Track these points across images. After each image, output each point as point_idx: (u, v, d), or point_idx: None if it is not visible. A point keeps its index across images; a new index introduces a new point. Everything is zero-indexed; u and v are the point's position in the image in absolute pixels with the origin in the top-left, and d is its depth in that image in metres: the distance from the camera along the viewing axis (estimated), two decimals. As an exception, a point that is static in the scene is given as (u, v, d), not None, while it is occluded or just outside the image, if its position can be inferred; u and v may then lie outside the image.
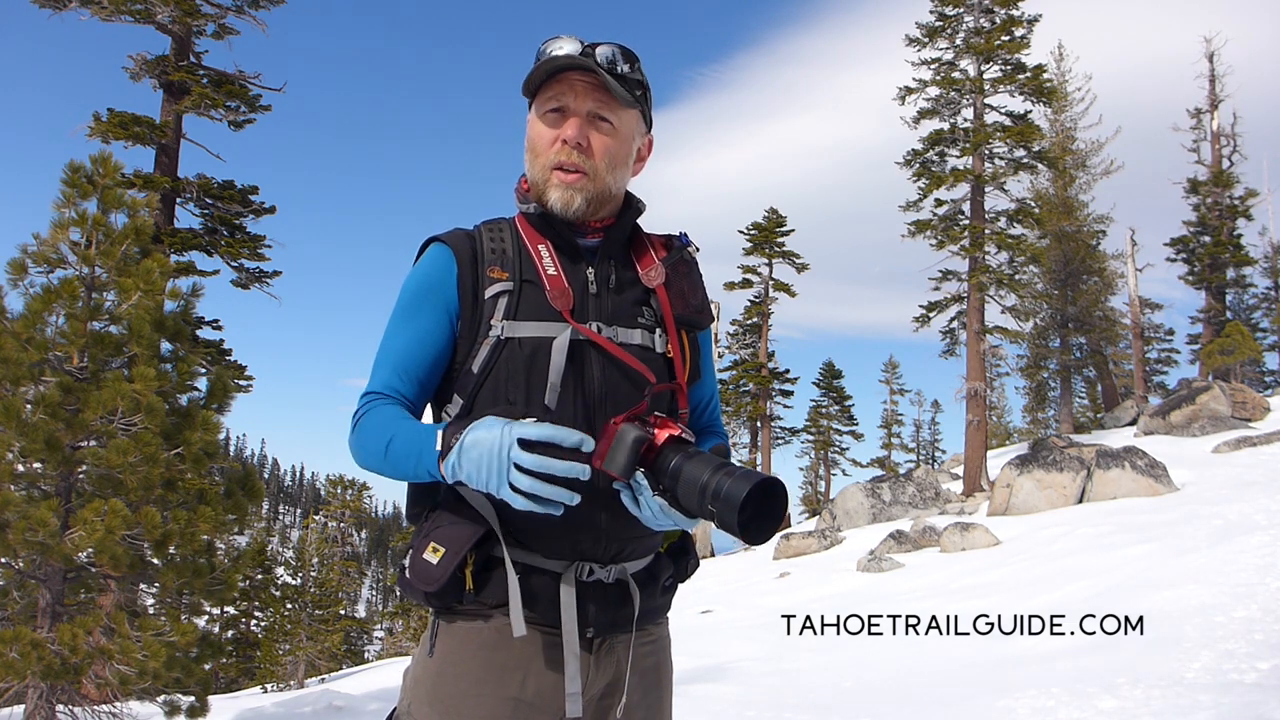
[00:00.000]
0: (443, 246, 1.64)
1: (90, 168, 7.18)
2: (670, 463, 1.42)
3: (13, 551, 6.25)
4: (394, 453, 1.50)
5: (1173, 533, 9.74)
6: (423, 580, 1.49)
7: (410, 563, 1.53)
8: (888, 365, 48.86)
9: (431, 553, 1.50)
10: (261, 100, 17.00)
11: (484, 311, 1.58)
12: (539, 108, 1.64)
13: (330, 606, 19.51)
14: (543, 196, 1.62)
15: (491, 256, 1.61)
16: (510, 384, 1.55)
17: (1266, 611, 6.22)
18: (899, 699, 5.97)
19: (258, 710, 10.27)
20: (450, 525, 1.52)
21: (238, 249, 16.86)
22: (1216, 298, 29.27)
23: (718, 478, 1.36)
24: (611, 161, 1.63)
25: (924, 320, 22.64)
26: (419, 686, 1.58)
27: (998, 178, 21.40)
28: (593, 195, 1.61)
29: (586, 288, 1.62)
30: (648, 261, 1.69)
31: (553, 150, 1.61)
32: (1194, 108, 30.30)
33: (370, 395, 1.59)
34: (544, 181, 1.62)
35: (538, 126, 1.64)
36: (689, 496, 1.39)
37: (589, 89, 1.60)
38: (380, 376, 1.59)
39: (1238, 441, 16.18)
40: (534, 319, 1.56)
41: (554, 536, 1.52)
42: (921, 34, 22.26)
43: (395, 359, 1.59)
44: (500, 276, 1.59)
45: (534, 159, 1.64)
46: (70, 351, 6.70)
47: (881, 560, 13.03)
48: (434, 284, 1.60)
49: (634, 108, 1.65)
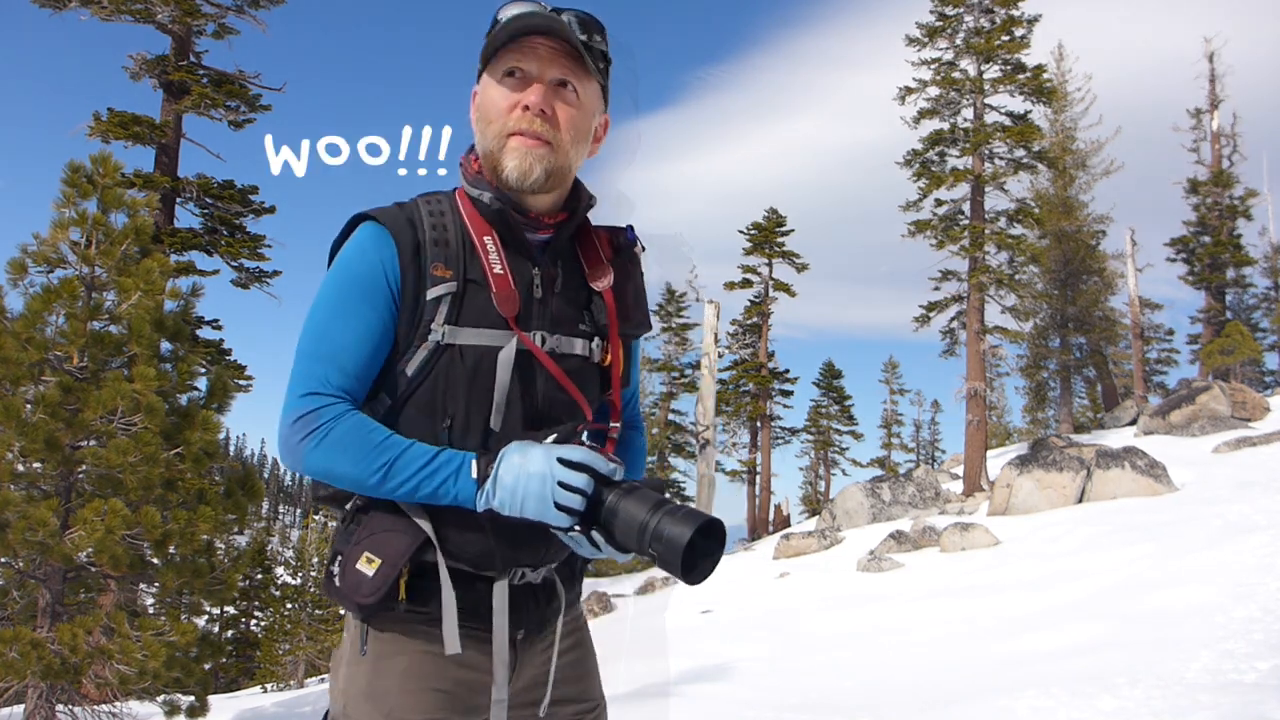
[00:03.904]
0: (381, 231, 1.48)
1: (90, 167, 7.18)
2: (607, 499, 1.40)
3: (13, 551, 6.25)
4: (397, 476, 1.41)
5: (1173, 533, 9.74)
6: (356, 592, 1.43)
7: (341, 571, 1.45)
8: (888, 365, 48.87)
9: (366, 563, 1.43)
10: (261, 100, 17.01)
11: (424, 313, 1.46)
12: (494, 71, 1.50)
13: (330, 606, 19.50)
14: (497, 166, 1.49)
15: (435, 250, 1.48)
16: (449, 395, 1.46)
17: (1266, 611, 6.22)
18: (899, 699, 5.97)
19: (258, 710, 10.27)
20: (384, 533, 1.44)
21: (238, 249, 16.86)
22: (1216, 298, 29.27)
23: (657, 518, 1.34)
24: (576, 134, 1.51)
25: (924, 320, 22.62)
26: (353, 685, 1.51)
27: (998, 178, 21.39)
28: (553, 168, 1.49)
29: (532, 290, 1.52)
30: (595, 261, 1.60)
31: (511, 116, 1.48)
32: (1194, 108, 30.31)
33: (322, 399, 1.43)
34: (499, 150, 1.49)
35: (492, 91, 1.50)
36: (627, 535, 1.37)
37: (555, 54, 1.48)
38: (325, 374, 1.44)
39: (1237, 441, 16.18)
40: (477, 325, 1.47)
41: (490, 546, 1.48)
42: (921, 34, 22.25)
43: (340, 355, 1.45)
44: (444, 275, 1.47)
45: (486, 126, 1.50)
46: (70, 351, 6.70)
47: (881, 560, 13.03)
48: (374, 274, 1.46)
49: (598, 80, 1.54)
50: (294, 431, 1.43)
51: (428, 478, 1.40)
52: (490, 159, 1.50)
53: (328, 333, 1.46)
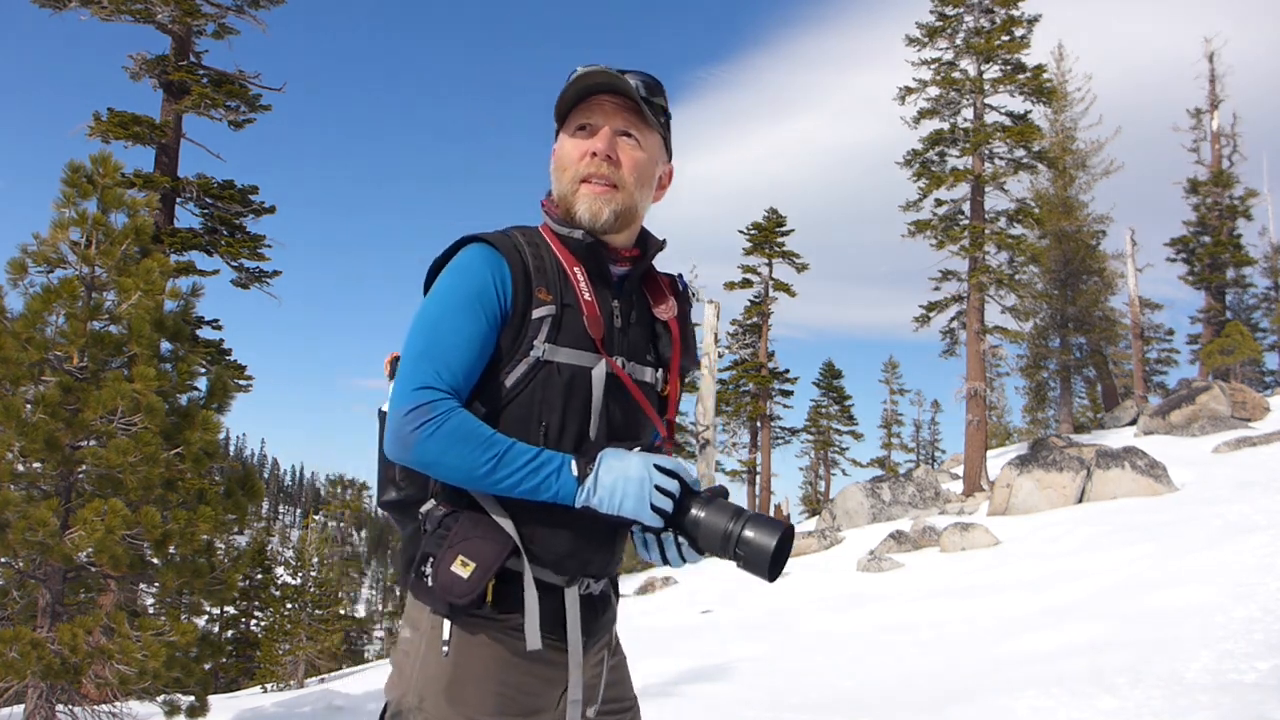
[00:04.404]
0: (496, 254, 1.64)
1: (90, 167, 7.18)
2: (690, 506, 1.58)
3: (13, 551, 6.24)
4: (505, 468, 1.53)
5: (1173, 533, 9.74)
6: (450, 593, 1.53)
7: (435, 572, 1.55)
8: (888, 365, 48.87)
9: (461, 566, 1.54)
10: (261, 100, 17.00)
11: (528, 330, 1.61)
12: (567, 128, 1.70)
13: (330, 606, 19.52)
14: (571, 210, 1.67)
15: (537, 275, 1.64)
16: (545, 406, 1.61)
17: (1266, 611, 6.22)
18: (899, 699, 5.97)
19: (257, 710, 10.27)
20: (478, 540, 1.56)
21: (238, 249, 16.85)
22: (1216, 298, 29.27)
23: (740, 526, 1.56)
24: (639, 177, 1.69)
25: (924, 320, 22.62)
26: (431, 681, 1.60)
27: (998, 178, 21.39)
28: (620, 209, 1.67)
29: (612, 318, 1.70)
30: (660, 298, 1.79)
31: (581, 163, 1.66)
32: (1194, 108, 30.34)
33: (436, 393, 1.55)
34: (572, 194, 1.67)
35: (566, 144, 1.70)
36: (710, 540, 1.57)
37: (618, 109, 1.67)
38: (438, 372, 1.56)
39: (1237, 441, 16.18)
40: (572, 346, 1.63)
41: (567, 555, 1.63)
42: (921, 34, 22.25)
43: (451, 357, 1.57)
44: (546, 299, 1.63)
45: (561, 174, 1.69)
46: (70, 351, 6.70)
47: (881, 560, 13.03)
48: (488, 291, 1.61)
49: (659, 132, 1.73)
50: (407, 421, 1.53)
51: (532, 473, 1.54)
52: (564, 203, 1.69)
53: (440, 336, 1.59)
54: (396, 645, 1.71)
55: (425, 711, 1.59)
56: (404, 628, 1.69)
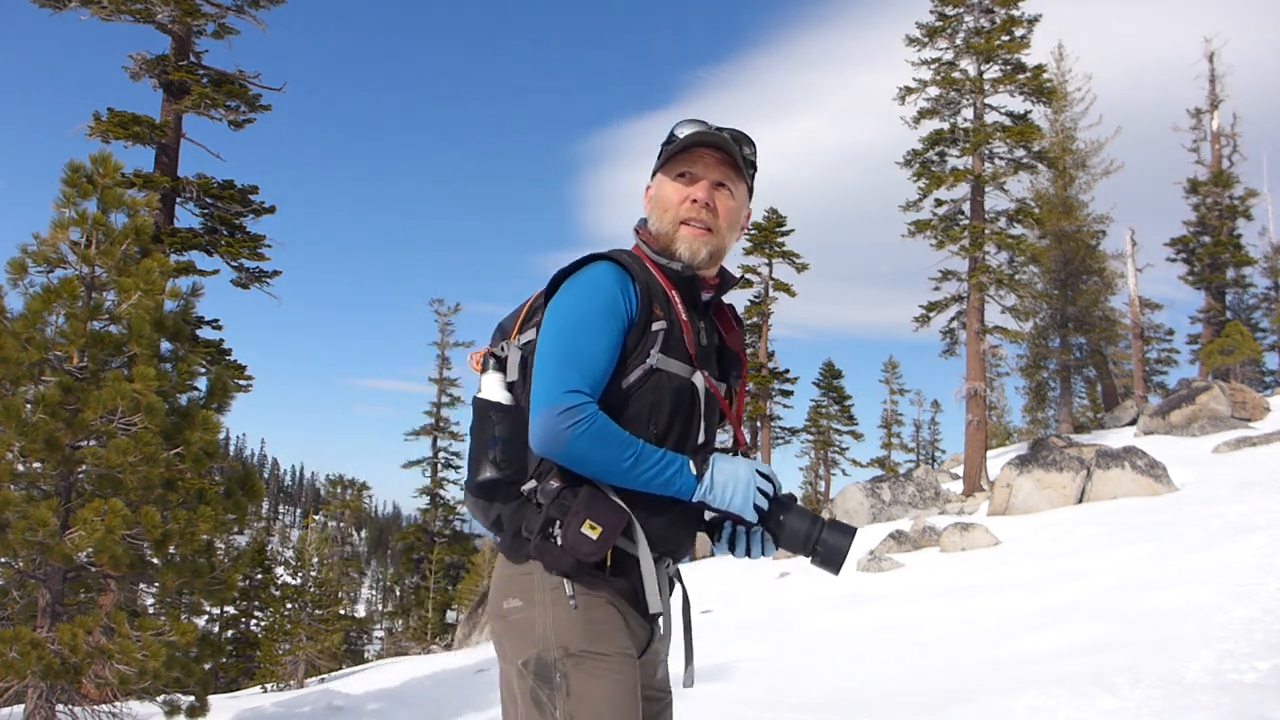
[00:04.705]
0: (623, 273, 1.86)
1: (90, 167, 7.18)
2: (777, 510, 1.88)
3: (13, 551, 6.24)
4: (642, 464, 1.77)
5: (1173, 533, 9.73)
6: (577, 550, 1.74)
7: (565, 533, 1.75)
8: (888, 365, 48.82)
9: (589, 529, 1.75)
10: (261, 100, 17.00)
11: (648, 341, 1.85)
12: (669, 171, 1.96)
13: (330, 606, 19.51)
14: (670, 246, 1.93)
15: (652, 294, 1.88)
16: (656, 410, 1.85)
17: (1266, 611, 6.22)
18: (899, 699, 5.97)
19: (258, 710, 10.27)
20: (600, 509, 1.76)
21: (238, 249, 16.85)
22: (1216, 298, 29.25)
23: (819, 529, 1.88)
24: (730, 223, 1.97)
25: (924, 320, 22.60)
26: (570, 631, 1.80)
27: (998, 178, 21.38)
28: (714, 249, 1.95)
29: (699, 337, 1.95)
30: (729, 325, 2.06)
31: (682, 207, 1.93)
32: (1194, 108, 30.29)
33: (583, 396, 1.76)
34: (673, 233, 1.93)
35: (667, 187, 1.96)
36: (792, 538, 1.88)
37: (716, 162, 1.94)
38: (582, 376, 1.77)
39: (1237, 441, 16.18)
40: (677, 358, 1.87)
41: (664, 537, 1.88)
42: (921, 34, 22.23)
43: (591, 363, 1.79)
44: (659, 315, 1.87)
45: (662, 213, 1.95)
46: (70, 351, 6.70)
47: (881, 560, 13.03)
48: (619, 305, 1.82)
49: (746, 183, 2.01)
50: (561, 419, 1.74)
51: (663, 469, 1.79)
52: (664, 239, 1.95)
53: (581, 343, 1.80)
54: (503, 616, 1.88)
55: (572, 655, 1.78)
56: (510, 599, 1.88)
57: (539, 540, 1.78)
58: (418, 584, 34.50)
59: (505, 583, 1.90)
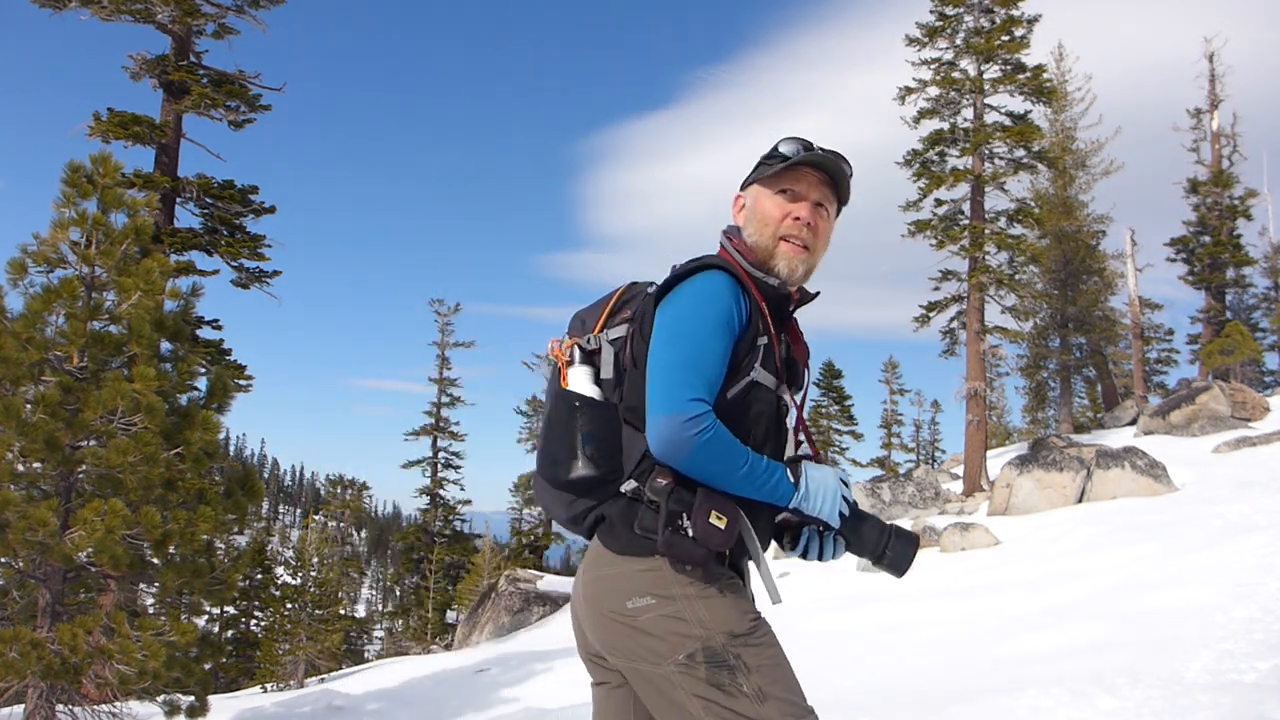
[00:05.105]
0: (737, 285, 1.90)
1: (90, 167, 7.18)
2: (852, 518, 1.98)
3: (13, 551, 6.24)
4: (753, 474, 1.83)
5: (1173, 533, 9.73)
6: (710, 540, 1.78)
7: (694, 523, 1.79)
8: (888, 365, 48.73)
9: (716, 519, 1.79)
10: (261, 100, 17.01)
11: (753, 355, 1.91)
12: (770, 186, 2.00)
13: (330, 606, 19.49)
14: (768, 261, 1.98)
15: (757, 309, 1.94)
16: (754, 421, 1.92)
17: (1266, 611, 6.22)
18: (899, 699, 5.97)
19: (258, 710, 10.27)
20: (721, 502, 1.81)
21: (238, 249, 16.85)
22: (1216, 298, 29.24)
23: (888, 536, 1.99)
24: (824, 243, 2.05)
25: (924, 320, 22.59)
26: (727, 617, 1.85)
27: (998, 178, 21.37)
28: (809, 267, 2.01)
29: (783, 351, 2.01)
30: (797, 337, 2.10)
31: (783, 223, 1.97)
32: (1194, 108, 30.26)
33: (705, 405, 1.79)
34: (772, 248, 1.98)
35: (768, 201, 2.00)
36: (863, 544, 2.00)
37: (818, 183, 2.00)
38: (702, 385, 1.80)
39: (1237, 441, 16.18)
40: (769, 371, 1.94)
41: (764, 533, 1.98)
42: (921, 34, 22.22)
43: (709, 372, 1.83)
44: (762, 330, 1.93)
45: (763, 227, 1.99)
46: (70, 351, 6.70)
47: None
48: (733, 317, 1.87)
49: (840, 205, 2.07)
50: (686, 427, 1.76)
51: (769, 476, 1.85)
52: (762, 253, 1.99)
53: (702, 351, 1.83)
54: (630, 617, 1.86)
55: (738, 636, 1.83)
56: (636, 599, 1.86)
57: (668, 535, 1.80)
58: (418, 584, 34.48)
59: (625, 581, 1.88)
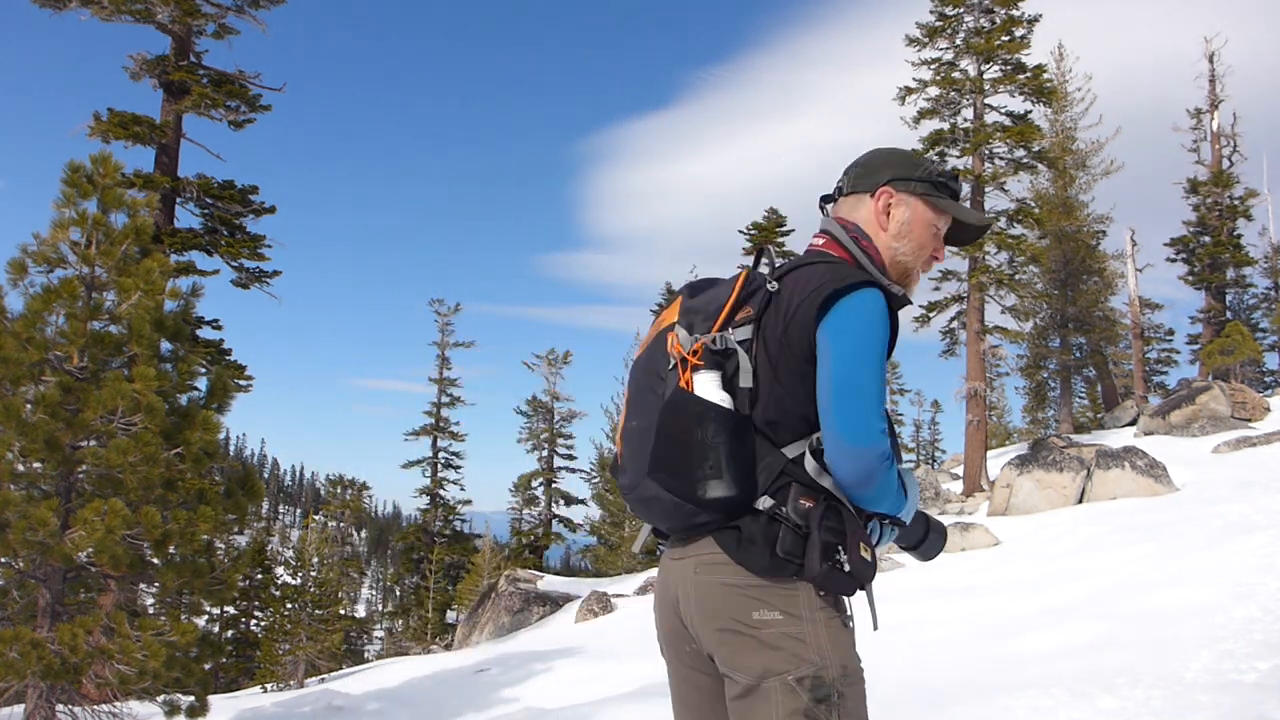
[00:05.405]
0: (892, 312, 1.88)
1: (90, 168, 7.18)
2: None
3: (13, 551, 6.25)
4: (904, 493, 1.89)
5: (1173, 533, 9.73)
6: (864, 576, 1.81)
7: (849, 559, 1.78)
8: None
9: (864, 551, 1.81)
10: (261, 100, 17.01)
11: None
12: (933, 210, 2.03)
13: (330, 606, 19.48)
14: (905, 278, 2.04)
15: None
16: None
17: (1266, 611, 6.22)
18: (898, 699, 5.97)
19: (258, 710, 10.28)
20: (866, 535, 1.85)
21: (238, 249, 16.86)
22: (1216, 298, 29.24)
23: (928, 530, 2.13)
24: None
25: (924, 320, 22.59)
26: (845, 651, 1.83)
27: (998, 178, 21.37)
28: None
29: None
30: None
31: (930, 255, 2.06)
32: (1194, 108, 30.27)
33: (890, 438, 1.82)
34: (911, 271, 2.05)
35: (927, 231, 2.03)
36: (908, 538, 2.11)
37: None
38: (885, 418, 1.82)
39: (1237, 441, 16.18)
40: None
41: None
42: (921, 34, 22.22)
43: (885, 402, 1.84)
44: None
45: (918, 250, 2.03)
46: (70, 351, 6.70)
47: (881, 560, 13.04)
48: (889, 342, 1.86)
49: None
50: (883, 456, 1.78)
51: (902, 496, 1.89)
52: (901, 269, 2.03)
53: (878, 379, 1.82)
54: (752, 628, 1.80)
55: (849, 673, 1.81)
56: (763, 611, 1.81)
57: (826, 568, 1.76)
58: (418, 584, 34.47)
59: (757, 593, 1.81)
